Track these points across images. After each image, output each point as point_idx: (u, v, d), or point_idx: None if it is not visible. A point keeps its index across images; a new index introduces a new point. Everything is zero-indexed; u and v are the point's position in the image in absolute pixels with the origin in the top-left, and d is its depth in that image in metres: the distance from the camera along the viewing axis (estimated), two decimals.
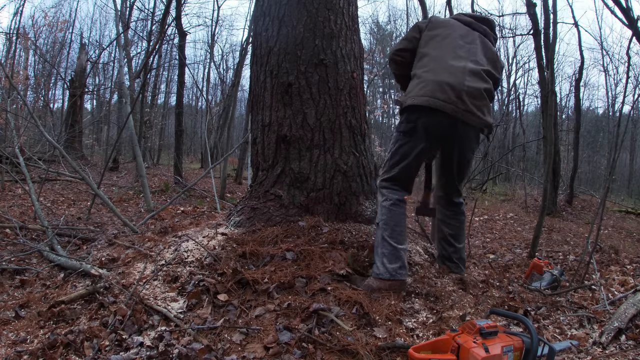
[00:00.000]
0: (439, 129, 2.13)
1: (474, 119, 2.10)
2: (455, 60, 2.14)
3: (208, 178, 8.56)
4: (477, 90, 2.11)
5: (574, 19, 16.48)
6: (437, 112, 2.07)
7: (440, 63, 2.16)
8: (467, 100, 2.07)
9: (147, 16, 13.30)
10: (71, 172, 6.06)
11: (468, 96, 2.08)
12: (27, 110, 6.16)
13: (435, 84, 2.09)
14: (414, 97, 2.13)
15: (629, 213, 10.25)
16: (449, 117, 2.07)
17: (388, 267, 1.99)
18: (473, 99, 2.09)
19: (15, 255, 2.65)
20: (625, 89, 14.88)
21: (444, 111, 2.06)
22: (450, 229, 2.36)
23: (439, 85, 2.08)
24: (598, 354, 1.76)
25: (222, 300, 1.89)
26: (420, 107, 2.10)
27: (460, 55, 2.16)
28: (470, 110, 2.08)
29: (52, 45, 16.51)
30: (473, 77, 2.12)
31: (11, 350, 1.58)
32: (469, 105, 2.08)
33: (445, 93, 2.06)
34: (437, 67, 2.15)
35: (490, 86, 2.19)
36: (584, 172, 19.38)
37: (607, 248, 4.57)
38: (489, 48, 2.28)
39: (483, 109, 2.14)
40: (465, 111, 2.07)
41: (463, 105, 2.07)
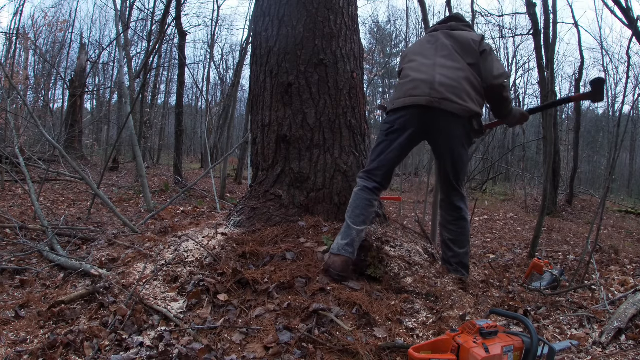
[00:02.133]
0: (418, 122, 2.17)
1: (452, 106, 2.10)
2: (424, 60, 2.24)
3: (208, 178, 8.56)
4: (450, 78, 2.14)
5: (574, 19, 16.51)
6: (413, 107, 2.14)
7: (411, 68, 2.27)
8: (441, 90, 2.11)
9: (147, 16, 13.31)
10: (71, 172, 6.07)
11: (442, 86, 2.12)
12: (27, 110, 6.16)
13: (409, 85, 2.19)
14: (392, 102, 2.25)
15: (629, 213, 10.25)
16: (426, 108, 2.12)
17: (338, 243, 2.06)
18: (448, 87, 2.12)
19: (15, 255, 2.65)
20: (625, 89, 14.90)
21: (420, 104, 2.12)
22: (450, 234, 2.36)
23: (412, 84, 2.17)
24: (598, 354, 1.76)
25: (222, 300, 1.89)
26: (397, 110, 2.20)
27: (427, 55, 2.26)
28: (447, 98, 2.10)
29: (52, 45, 16.53)
30: (444, 68, 2.17)
31: (11, 350, 1.58)
32: (444, 94, 2.10)
33: (419, 88, 2.14)
34: (409, 73, 2.25)
35: (468, 73, 2.19)
36: (584, 172, 19.39)
37: (607, 248, 4.57)
38: (456, 37, 2.29)
39: (462, 96, 2.13)
40: (441, 99, 2.10)
41: (438, 94, 2.11)
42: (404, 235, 2.57)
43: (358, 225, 2.09)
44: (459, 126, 2.17)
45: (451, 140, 2.20)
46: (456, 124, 2.16)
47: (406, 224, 5.31)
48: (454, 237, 2.34)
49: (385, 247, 2.31)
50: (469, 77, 2.19)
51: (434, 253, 2.56)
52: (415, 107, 2.14)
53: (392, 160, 2.23)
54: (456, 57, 2.22)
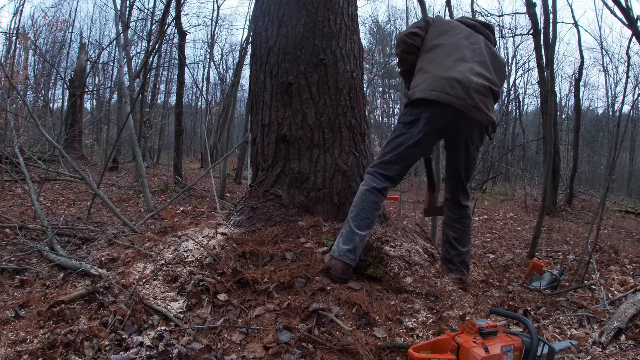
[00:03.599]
0: (443, 123, 2.16)
1: (480, 115, 2.14)
2: (462, 60, 2.19)
3: (208, 178, 8.56)
4: (484, 87, 2.16)
5: (574, 19, 16.50)
6: (445, 106, 2.10)
7: (447, 60, 2.19)
8: (475, 97, 2.11)
9: (147, 16, 13.31)
10: (71, 172, 6.06)
11: (476, 93, 2.12)
12: (27, 110, 6.16)
13: (444, 80, 2.12)
14: (423, 91, 2.14)
15: (629, 213, 10.25)
16: (457, 111, 2.11)
17: (340, 247, 2.01)
18: (481, 95, 2.14)
19: (15, 255, 2.65)
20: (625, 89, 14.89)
21: (453, 106, 2.09)
22: (455, 233, 2.37)
23: (448, 82, 2.11)
24: (598, 354, 1.76)
25: (222, 300, 1.89)
26: (428, 102, 2.12)
27: (466, 54, 2.21)
28: (478, 107, 2.12)
29: (52, 45, 16.54)
30: (479, 76, 2.17)
31: (11, 350, 1.58)
32: (477, 102, 2.12)
33: (455, 89, 2.10)
34: (444, 64, 2.18)
35: (495, 86, 2.24)
36: (584, 172, 19.39)
37: (607, 248, 4.57)
38: (495, 56, 2.34)
39: (489, 106, 2.19)
40: (473, 107, 2.11)
41: (472, 101, 2.11)
42: (404, 235, 2.57)
43: (362, 231, 2.03)
44: (478, 134, 2.25)
45: (471, 143, 2.25)
46: (478, 130, 2.23)
47: (406, 224, 5.32)
48: (458, 236, 2.35)
49: (385, 247, 2.31)
50: (495, 91, 2.24)
51: (434, 253, 2.56)
52: (448, 106, 2.10)
53: (412, 155, 2.20)
54: (490, 70, 2.25)
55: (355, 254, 2.00)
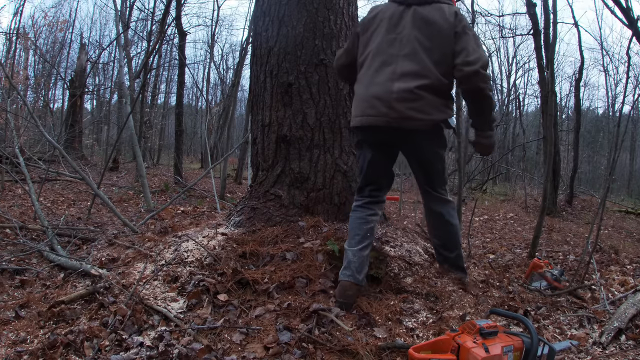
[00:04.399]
0: (379, 140, 2.04)
1: (414, 123, 1.89)
2: (384, 64, 1.96)
3: (208, 178, 8.56)
4: (407, 92, 1.88)
5: (574, 19, 16.53)
6: (371, 128, 1.98)
7: (368, 73, 2.01)
8: (399, 107, 1.88)
9: (147, 16, 13.31)
10: (71, 172, 6.06)
11: (399, 102, 1.88)
12: (27, 110, 6.16)
13: (364, 101, 1.99)
14: (353, 118, 2.07)
15: (629, 213, 10.25)
16: (385, 129, 1.95)
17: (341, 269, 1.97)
18: (406, 102, 1.88)
19: (15, 255, 2.65)
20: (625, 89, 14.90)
21: (378, 125, 1.94)
22: (437, 239, 2.23)
23: (367, 102, 1.97)
24: (598, 354, 1.76)
25: (222, 300, 1.89)
26: (358, 128, 2.04)
27: (389, 53, 1.94)
28: (407, 116, 1.88)
29: (52, 45, 16.53)
30: (401, 79, 1.90)
31: (11, 350, 1.58)
32: (404, 112, 1.88)
33: (375, 107, 1.93)
34: (365, 80, 2.02)
35: (433, 79, 1.89)
36: (584, 172, 19.39)
37: (607, 248, 4.57)
38: (425, 19, 1.91)
39: (425, 109, 1.89)
40: (400, 119, 1.89)
41: (396, 113, 1.89)
42: (404, 235, 2.57)
43: (352, 246, 1.97)
44: (423, 137, 1.98)
45: (417, 150, 2.05)
46: (421, 136, 1.98)
47: (406, 224, 5.32)
48: (441, 242, 2.21)
49: (385, 247, 2.31)
50: (434, 83, 1.90)
51: (434, 253, 2.56)
52: (374, 127, 1.96)
53: (373, 174, 2.10)
54: (420, 57, 1.90)
55: (350, 269, 1.90)
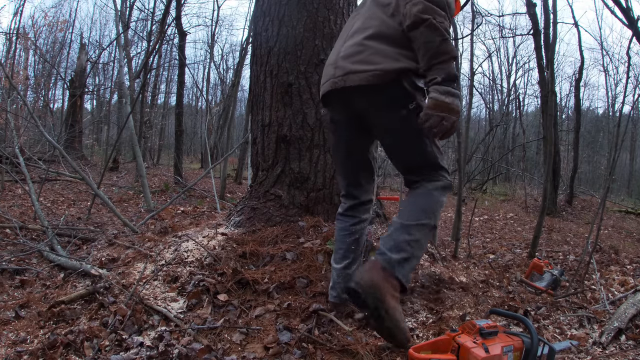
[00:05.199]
0: (339, 112, 1.73)
1: (357, 77, 1.57)
2: (341, 38, 1.75)
3: (208, 178, 8.56)
4: (355, 44, 1.63)
5: (574, 19, 16.54)
6: (325, 97, 1.72)
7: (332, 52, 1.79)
8: (343, 64, 1.62)
9: (147, 16, 13.31)
10: (71, 172, 6.07)
11: (345, 59, 1.62)
12: (27, 110, 6.16)
13: (323, 74, 1.77)
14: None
15: (629, 213, 10.26)
16: (334, 94, 1.65)
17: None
18: (351, 56, 1.61)
19: (15, 255, 2.65)
20: (625, 89, 14.90)
21: (326, 93, 1.68)
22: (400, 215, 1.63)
23: (324, 73, 1.74)
24: (598, 354, 1.76)
25: (222, 300, 1.89)
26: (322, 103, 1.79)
27: (349, 26, 1.74)
28: (351, 70, 1.58)
29: (52, 45, 16.53)
30: (351, 38, 1.67)
31: (11, 350, 1.58)
32: (347, 67, 1.60)
33: (326, 74, 1.70)
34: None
35: (378, 23, 1.62)
36: (584, 172, 19.39)
37: (607, 248, 4.57)
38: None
39: (370, 58, 1.57)
40: (344, 75, 1.60)
41: (340, 70, 1.62)
42: None
43: (336, 263, 1.78)
44: (381, 97, 1.58)
45: (378, 118, 1.64)
46: (376, 96, 1.59)
47: None
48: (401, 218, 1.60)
49: None
50: (383, 30, 1.60)
51: (434, 253, 2.56)
52: (326, 96, 1.70)
53: (343, 166, 1.82)
54: (373, 12, 1.66)
55: (336, 289, 1.75)
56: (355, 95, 1.61)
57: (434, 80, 1.47)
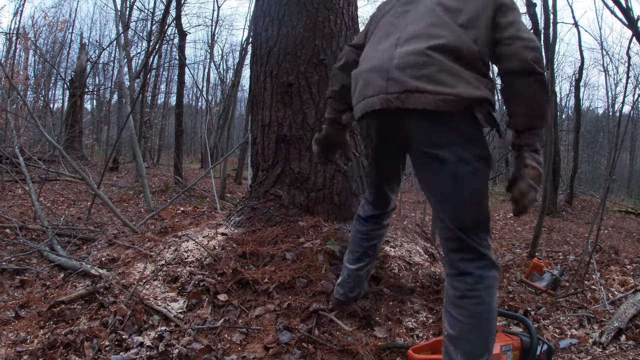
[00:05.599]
0: (381, 133, 1.46)
1: (425, 98, 1.24)
2: (384, 37, 1.44)
3: (208, 178, 8.56)
4: (414, 54, 1.29)
5: (574, 19, 16.53)
6: (369, 116, 1.41)
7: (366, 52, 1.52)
8: (401, 77, 1.28)
9: (147, 16, 13.31)
10: (71, 172, 6.06)
11: (401, 70, 1.29)
12: (27, 110, 6.16)
13: (361, 80, 1.43)
14: (354, 108, 1.51)
15: (629, 213, 10.26)
16: (384, 116, 1.35)
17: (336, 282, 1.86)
18: (412, 68, 1.28)
19: (15, 255, 2.65)
20: (625, 89, 14.89)
21: (374, 109, 1.35)
22: (450, 325, 1.30)
23: (364, 79, 1.41)
24: (598, 354, 1.76)
25: (222, 300, 1.89)
26: (359, 119, 1.50)
27: (395, 24, 1.44)
28: (413, 88, 1.26)
29: (52, 45, 16.53)
30: (408, 43, 1.33)
31: (11, 350, 1.58)
32: (407, 81, 1.27)
33: (370, 84, 1.37)
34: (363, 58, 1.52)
35: (454, 36, 1.29)
36: (584, 172, 19.39)
37: (607, 248, 4.57)
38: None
39: (440, 76, 1.25)
40: (403, 92, 1.27)
41: (397, 85, 1.29)
42: (404, 235, 2.57)
43: (350, 264, 1.76)
44: (445, 129, 1.27)
45: (435, 155, 1.28)
46: (440, 126, 1.27)
47: (406, 224, 5.31)
48: (456, 333, 1.26)
49: (385, 247, 2.31)
50: (457, 45, 1.28)
51: (434, 253, 2.56)
52: (372, 113, 1.38)
53: (376, 176, 1.64)
54: (437, 15, 1.34)
55: (344, 287, 1.77)
56: (411, 119, 1.29)
57: (531, 147, 1.27)
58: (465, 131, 1.28)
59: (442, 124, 1.27)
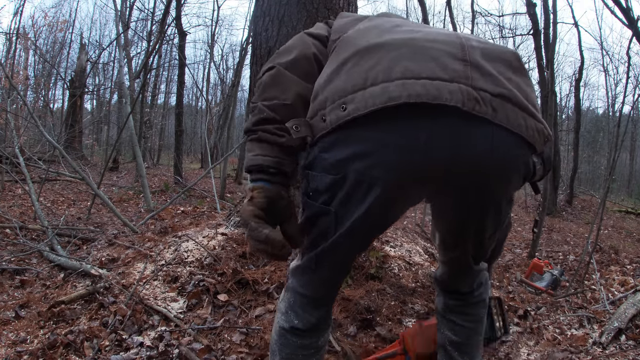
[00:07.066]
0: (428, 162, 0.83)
1: (520, 121, 0.83)
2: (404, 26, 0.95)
3: (208, 178, 8.56)
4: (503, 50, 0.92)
5: (574, 19, 16.53)
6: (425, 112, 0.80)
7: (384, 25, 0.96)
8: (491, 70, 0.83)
9: (147, 16, 13.30)
10: (71, 172, 6.07)
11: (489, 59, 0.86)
12: (27, 110, 6.16)
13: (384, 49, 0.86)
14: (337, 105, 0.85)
15: (629, 213, 10.26)
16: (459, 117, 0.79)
17: None
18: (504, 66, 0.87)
19: (15, 255, 2.65)
20: (625, 89, 14.87)
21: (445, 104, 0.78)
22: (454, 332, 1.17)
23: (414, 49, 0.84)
24: (598, 354, 1.76)
25: (222, 300, 1.89)
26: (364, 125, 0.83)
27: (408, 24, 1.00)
28: (511, 96, 0.83)
29: (52, 45, 16.53)
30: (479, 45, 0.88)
31: (11, 350, 1.58)
32: (502, 82, 0.83)
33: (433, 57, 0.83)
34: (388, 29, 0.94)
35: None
36: (584, 172, 19.39)
37: (607, 248, 4.57)
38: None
39: (531, 95, 0.88)
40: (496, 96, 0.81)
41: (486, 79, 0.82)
42: (404, 235, 2.57)
43: None
44: (520, 165, 0.88)
45: (498, 196, 0.92)
46: (518, 161, 0.88)
47: (406, 224, 5.31)
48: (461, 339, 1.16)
49: (385, 247, 2.31)
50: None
51: (434, 253, 2.56)
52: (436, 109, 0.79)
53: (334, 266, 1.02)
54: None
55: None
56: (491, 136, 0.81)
57: None
58: (527, 171, 0.90)
59: (520, 159, 0.87)
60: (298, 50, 1.02)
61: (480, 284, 1.16)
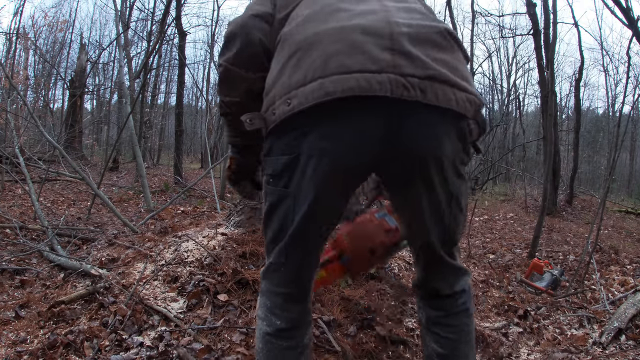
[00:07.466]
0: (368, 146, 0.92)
1: (450, 95, 0.89)
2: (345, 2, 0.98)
3: (208, 178, 8.55)
4: (429, 28, 0.94)
5: (574, 19, 16.52)
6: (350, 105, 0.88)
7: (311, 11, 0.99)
8: (418, 54, 0.88)
9: (147, 16, 13.30)
10: (71, 172, 6.07)
11: (415, 43, 0.90)
12: (27, 110, 6.16)
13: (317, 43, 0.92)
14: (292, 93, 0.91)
15: (629, 213, 10.25)
16: (389, 103, 0.86)
17: None
18: (433, 48, 0.92)
19: (15, 255, 2.65)
20: (625, 89, 14.88)
21: (376, 95, 0.85)
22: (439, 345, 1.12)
23: (345, 44, 0.89)
24: (598, 354, 1.76)
25: (222, 300, 1.89)
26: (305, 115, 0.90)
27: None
28: (439, 75, 0.89)
29: (52, 45, 16.52)
30: (409, 12, 0.96)
31: (11, 350, 1.58)
32: (429, 64, 0.88)
33: (352, 52, 0.88)
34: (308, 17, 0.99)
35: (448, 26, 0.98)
36: (584, 172, 19.38)
37: (607, 248, 4.57)
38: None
39: (464, 71, 0.95)
40: (424, 79, 0.87)
41: (413, 64, 0.88)
42: None
43: None
44: (455, 137, 0.95)
45: (443, 168, 0.95)
46: (452, 133, 0.94)
47: None
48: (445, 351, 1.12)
49: None
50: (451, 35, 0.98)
51: None
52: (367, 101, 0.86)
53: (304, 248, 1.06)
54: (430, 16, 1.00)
55: None
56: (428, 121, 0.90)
57: None
58: (464, 142, 0.97)
59: (454, 131, 0.94)
60: (241, 39, 1.07)
61: (462, 290, 1.14)
